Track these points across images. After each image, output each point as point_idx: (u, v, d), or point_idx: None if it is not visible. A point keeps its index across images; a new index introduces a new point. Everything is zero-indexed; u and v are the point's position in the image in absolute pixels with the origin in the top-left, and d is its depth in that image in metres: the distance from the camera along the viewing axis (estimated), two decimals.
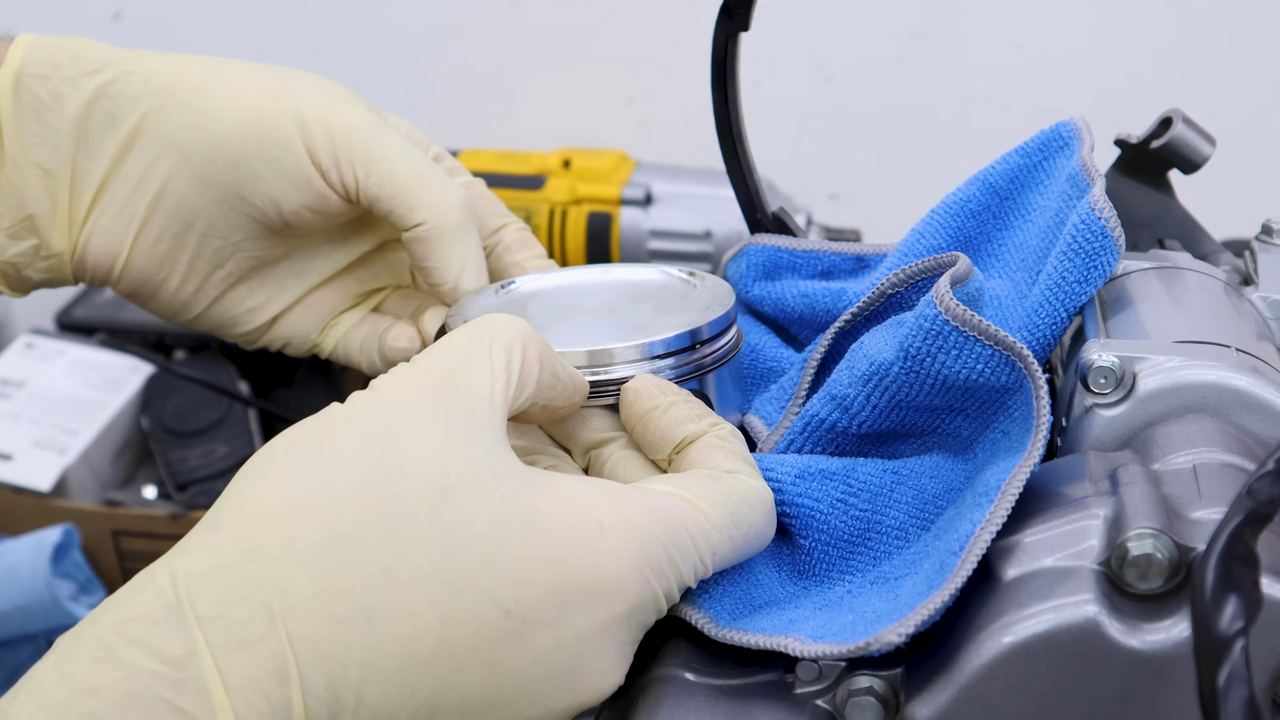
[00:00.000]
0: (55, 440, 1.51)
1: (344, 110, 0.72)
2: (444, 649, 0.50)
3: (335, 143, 0.71)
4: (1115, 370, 0.61)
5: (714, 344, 0.66)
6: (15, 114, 0.71)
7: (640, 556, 0.54)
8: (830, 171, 1.73)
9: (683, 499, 0.56)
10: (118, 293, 0.76)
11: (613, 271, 0.74)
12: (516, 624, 0.51)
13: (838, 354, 0.68)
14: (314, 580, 0.49)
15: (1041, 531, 0.56)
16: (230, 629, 0.48)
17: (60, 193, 0.72)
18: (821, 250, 0.77)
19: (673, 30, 1.71)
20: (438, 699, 0.51)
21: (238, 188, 0.72)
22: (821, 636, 0.56)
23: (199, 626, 0.47)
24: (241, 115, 0.71)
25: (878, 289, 0.67)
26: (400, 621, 0.50)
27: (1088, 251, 0.66)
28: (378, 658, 0.49)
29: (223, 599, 0.48)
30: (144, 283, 0.75)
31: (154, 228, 0.73)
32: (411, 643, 0.50)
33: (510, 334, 0.57)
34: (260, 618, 0.48)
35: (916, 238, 0.75)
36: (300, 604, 0.49)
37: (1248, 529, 0.45)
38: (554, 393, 0.59)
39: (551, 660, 0.52)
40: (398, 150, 0.71)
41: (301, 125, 0.71)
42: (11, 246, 0.73)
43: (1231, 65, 1.64)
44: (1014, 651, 0.53)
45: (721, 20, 0.75)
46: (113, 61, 0.72)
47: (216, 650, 0.47)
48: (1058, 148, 0.74)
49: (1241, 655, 0.42)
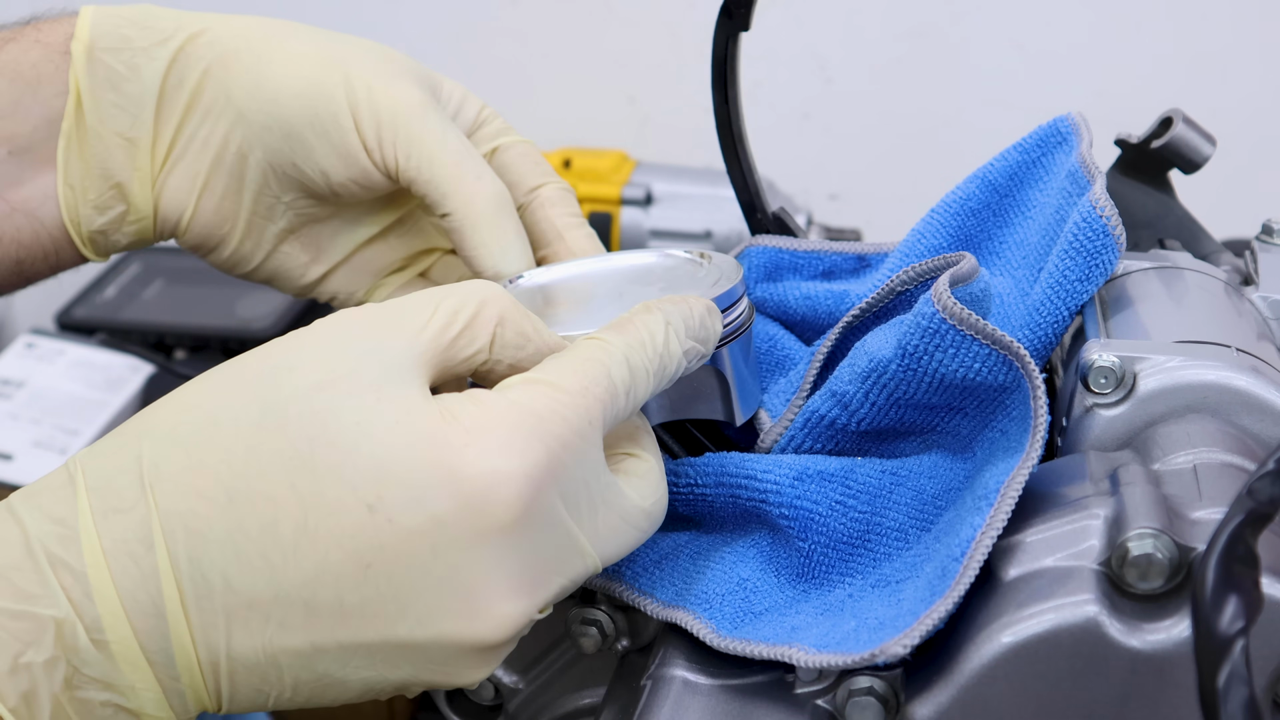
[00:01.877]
0: (55, 440, 1.51)
1: (394, 88, 0.73)
2: (306, 537, 0.51)
3: (380, 123, 0.72)
4: (1115, 370, 0.61)
5: (724, 318, 0.65)
6: (93, 89, 0.74)
7: (506, 447, 0.51)
8: (830, 171, 1.73)
9: (537, 382, 0.54)
10: (183, 247, 0.79)
11: (621, 258, 0.73)
12: (383, 522, 0.51)
13: (844, 350, 0.68)
14: (185, 456, 0.52)
15: (1042, 531, 0.56)
16: (108, 497, 0.51)
17: (142, 158, 0.75)
18: (823, 250, 0.77)
19: (673, 30, 1.71)
20: (309, 594, 0.51)
21: (290, 155, 0.74)
22: (825, 646, 0.56)
23: (85, 495, 0.52)
24: (298, 86, 0.73)
25: (886, 286, 0.67)
26: (259, 502, 0.51)
27: (1089, 250, 0.66)
28: (238, 537, 0.51)
29: (108, 473, 0.52)
30: (206, 237, 0.78)
31: (216, 185, 0.76)
32: (271, 525, 0.51)
33: (467, 292, 0.56)
34: (133, 488, 0.51)
35: (917, 237, 0.75)
36: (169, 478, 0.51)
37: (1248, 529, 0.45)
38: (523, 354, 0.57)
39: (431, 571, 0.51)
40: (438, 136, 0.72)
41: (352, 102, 0.72)
42: (100, 217, 0.76)
43: (1231, 65, 1.64)
44: (1014, 651, 0.53)
45: (722, 20, 0.75)
46: (180, 27, 0.74)
47: (97, 515, 0.51)
48: (1056, 143, 0.74)
49: (1241, 655, 0.42)
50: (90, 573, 0.50)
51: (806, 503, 0.62)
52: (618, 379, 0.56)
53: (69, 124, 0.74)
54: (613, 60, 1.75)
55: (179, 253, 1.76)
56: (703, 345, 0.61)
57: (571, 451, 0.53)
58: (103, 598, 0.50)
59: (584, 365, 0.55)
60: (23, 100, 0.74)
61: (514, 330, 0.57)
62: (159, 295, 1.69)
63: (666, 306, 0.60)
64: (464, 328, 0.55)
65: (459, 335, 0.55)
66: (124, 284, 1.71)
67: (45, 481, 0.53)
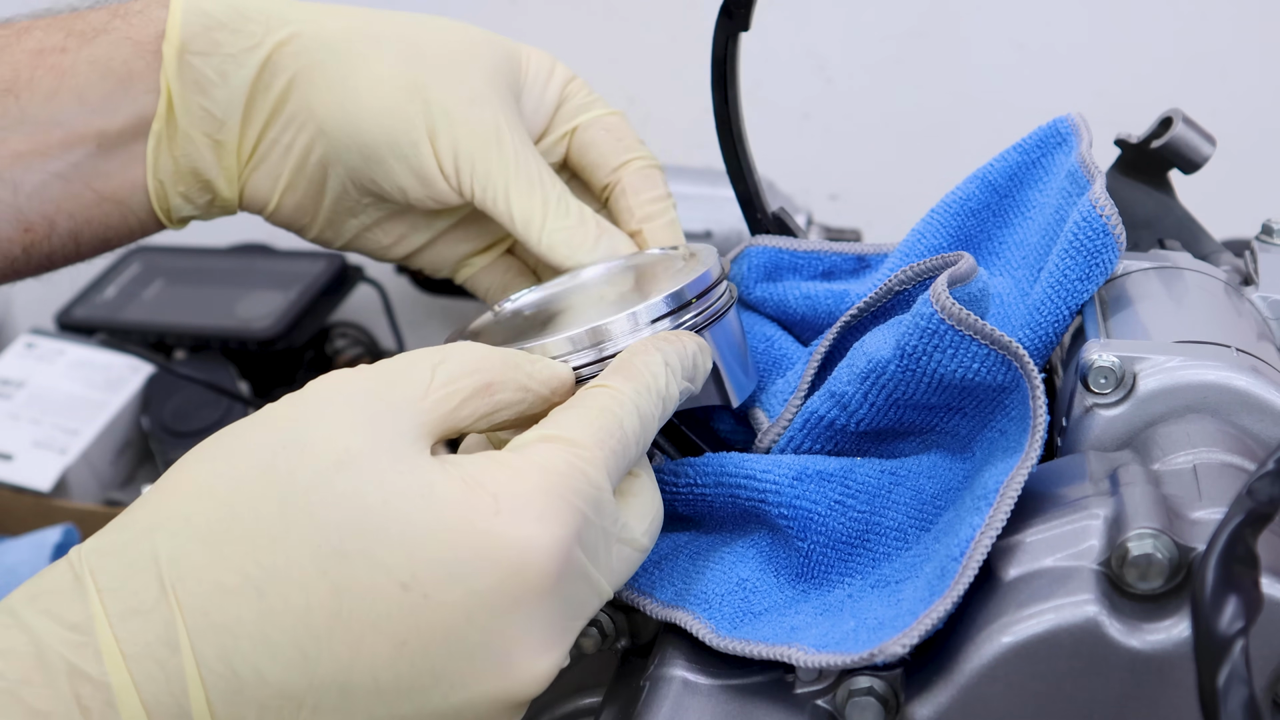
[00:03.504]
0: (55, 440, 1.51)
1: (472, 115, 0.74)
2: (340, 623, 0.50)
3: (458, 153, 0.74)
4: (1115, 370, 0.61)
5: (700, 303, 0.65)
6: (183, 92, 0.75)
7: (538, 514, 0.52)
8: (830, 171, 1.73)
9: (554, 439, 0.54)
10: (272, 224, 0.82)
11: (599, 267, 0.74)
12: (418, 599, 0.50)
13: (842, 351, 0.68)
14: (205, 551, 0.49)
15: (1042, 531, 0.56)
16: (125, 598, 0.49)
17: (228, 158, 0.77)
18: (822, 251, 0.77)
19: (672, 30, 1.71)
20: (345, 678, 0.50)
21: (369, 171, 0.76)
22: (825, 646, 0.56)
23: (98, 596, 0.49)
24: (379, 111, 0.74)
25: (885, 285, 0.67)
26: (290, 593, 0.49)
27: (1089, 249, 0.66)
28: (270, 630, 0.49)
29: (121, 571, 0.49)
30: (290, 223, 0.81)
31: (297, 186, 0.78)
32: (305, 615, 0.49)
33: (461, 357, 0.56)
34: (152, 587, 0.49)
35: (917, 237, 0.75)
36: (190, 575, 0.49)
37: (1248, 529, 0.45)
38: (525, 405, 0.58)
39: (465, 638, 0.51)
40: (514, 169, 0.74)
41: (431, 130, 0.74)
42: (188, 206, 0.79)
43: (1231, 65, 1.63)
44: (1014, 651, 0.53)
45: (721, 20, 0.75)
46: (269, 30, 0.75)
47: (114, 618, 0.49)
48: (1056, 144, 0.74)
49: (1241, 655, 0.42)
50: (113, 681, 0.48)
51: (805, 502, 0.62)
52: (629, 430, 0.57)
53: (159, 125, 0.75)
54: (613, 60, 1.75)
55: (179, 253, 1.76)
56: (693, 385, 0.62)
57: (592, 505, 0.54)
58: (126, 707, 0.48)
59: (598, 418, 0.56)
60: (113, 96, 0.75)
61: (512, 388, 0.57)
62: (159, 295, 1.69)
63: (664, 346, 0.61)
64: (464, 400, 0.55)
65: (460, 405, 0.55)
66: (124, 284, 1.71)
67: (48, 582, 0.50)
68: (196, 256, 1.74)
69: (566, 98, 0.79)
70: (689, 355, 0.62)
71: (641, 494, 0.58)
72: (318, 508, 0.50)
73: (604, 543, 0.54)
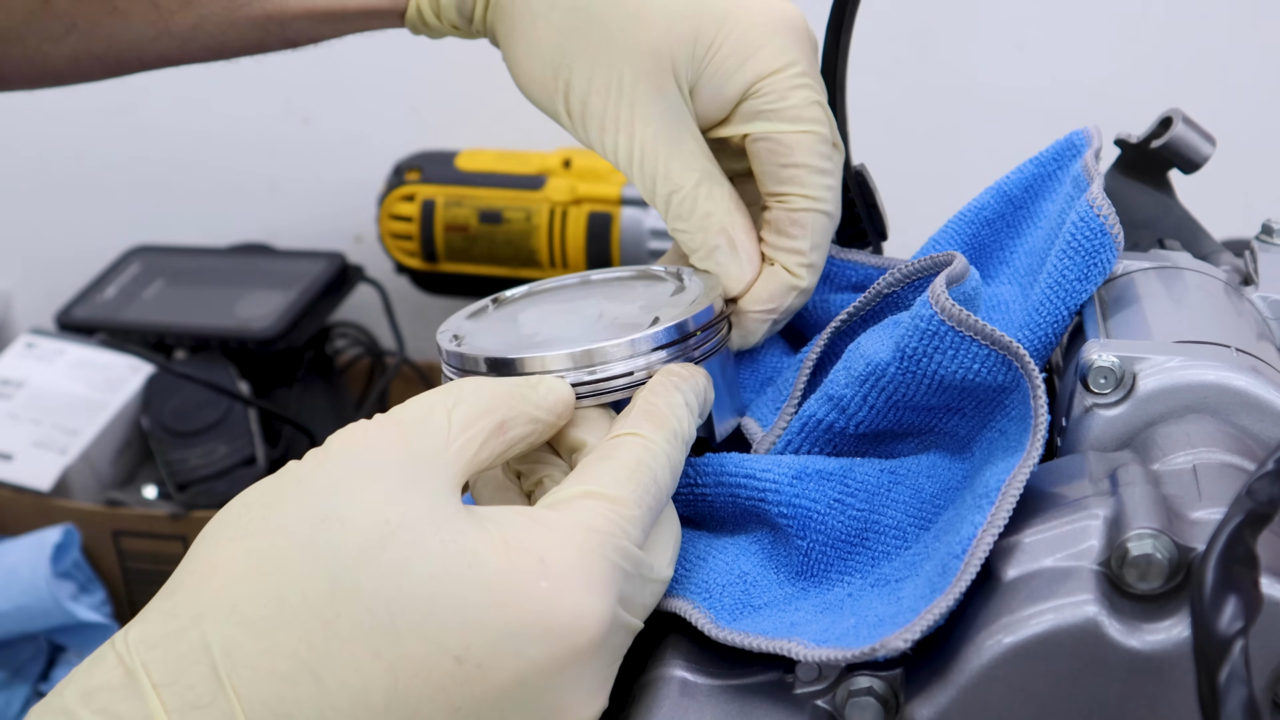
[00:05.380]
0: (55, 440, 1.51)
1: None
2: (397, 700, 0.50)
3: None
4: (1115, 370, 0.61)
5: (702, 336, 0.66)
6: None
7: (586, 579, 0.53)
8: None
9: (595, 496, 0.55)
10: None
11: (598, 275, 0.74)
12: (472, 670, 0.51)
13: (834, 355, 0.68)
14: (257, 640, 0.49)
15: (1041, 532, 0.56)
16: (182, 693, 0.49)
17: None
18: (859, 263, 0.76)
19: None
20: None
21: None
22: (825, 641, 0.56)
23: (155, 692, 0.49)
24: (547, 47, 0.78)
25: (874, 288, 0.67)
26: (346, 675, 0.50)
27: (1087, 249, 0.66)
28: (329, 713, 0.49)
29: (174, 664, 0.49)
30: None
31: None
32: (362, 695, 0.50)
33: (473, 399, 0.57)
34: (208, 679, 0.49)
35: (933, 246, 0.75)
36: (245, 665, 0.49)
37: (1248, 529, 0.45)
38: (536, 435, 0.59)
39: (517, 699, 0.52)
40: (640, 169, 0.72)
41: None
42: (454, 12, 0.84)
43: (1231, 65, 1.64)
44: (1014, 652, 0.53)
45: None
46: None
47: (173, 713, 0.48)
48: (1071, 156, 0.75)
49: (1241, 655, 0.42)
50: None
51: (805, 501, 0.62)
52: (663, 484, 0.58)
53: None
54: None
55: (179, 252, 1.76)
56: (701, 420, 0.63)
57: (632, 561, 0.55)
58: None
59: (635, 473, 0.57)
60: None
61: (523, 422, 0.58)
62: (159, 295, 1.69)
63: (683, 386, 0.61)
64: (482, 444, 0.56)
65: (479, 449, 0.56)
66: (124, 284, 1.71)
67: (98, 678, 0.49)
68: (196, 256, 1.74)
69: (750, 94, 0.71)
70: (703, 393, 0.63)
71: (663, 525, 0.59)
72: (365, 590, 0.50)
73: (639, 589, 0.56)
